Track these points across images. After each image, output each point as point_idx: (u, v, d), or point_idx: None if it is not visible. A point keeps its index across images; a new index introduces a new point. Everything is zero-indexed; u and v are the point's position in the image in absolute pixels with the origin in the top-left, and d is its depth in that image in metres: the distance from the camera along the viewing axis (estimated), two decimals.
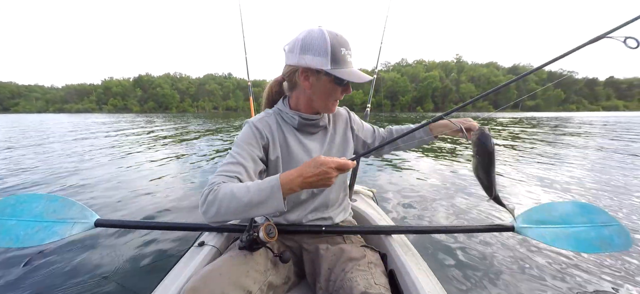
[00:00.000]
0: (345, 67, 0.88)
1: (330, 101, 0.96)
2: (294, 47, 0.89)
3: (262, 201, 0.75)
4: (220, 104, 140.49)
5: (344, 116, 1.16)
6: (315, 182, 0.76)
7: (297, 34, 0.91)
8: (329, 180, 0.76)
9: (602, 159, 5.47)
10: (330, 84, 0.90)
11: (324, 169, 0.75)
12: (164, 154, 6.26)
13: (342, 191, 1.14)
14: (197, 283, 0.74)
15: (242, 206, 0.75)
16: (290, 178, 0.77)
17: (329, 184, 0.77)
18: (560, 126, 15.91)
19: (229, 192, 0.77)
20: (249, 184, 0.78)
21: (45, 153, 6.37)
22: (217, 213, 0.77)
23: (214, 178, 0.83)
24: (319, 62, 0.86)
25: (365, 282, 0.80)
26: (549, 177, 4.04)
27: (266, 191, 0.75)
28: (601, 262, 1.81)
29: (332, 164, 0.76)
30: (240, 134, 0.97)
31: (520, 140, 8.92)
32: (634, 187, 3.56)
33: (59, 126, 16.75)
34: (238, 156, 0.89)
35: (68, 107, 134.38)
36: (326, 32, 0.86)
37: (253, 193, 0.75)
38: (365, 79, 0.90)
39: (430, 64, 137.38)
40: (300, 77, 0.92)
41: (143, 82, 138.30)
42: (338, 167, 0.76)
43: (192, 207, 2.95)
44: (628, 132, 11.83)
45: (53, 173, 4.41)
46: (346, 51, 0.88)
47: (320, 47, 0.85)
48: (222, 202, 0.76)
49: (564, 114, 49.50)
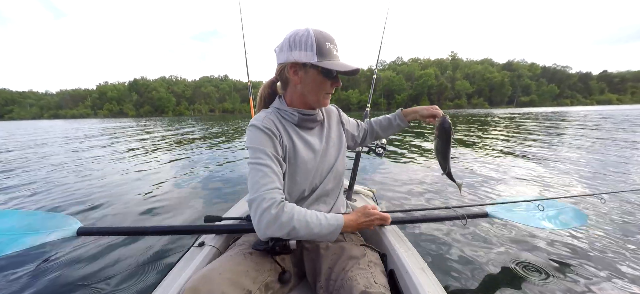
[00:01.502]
0: (331, 59, 0.92)
1: (322, 93, 0.99)
2: (282, 46, 0.95)
3: (327, 234, 0.89)
4: (216, 106, 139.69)
5: (334, 112, 1.22)
6: (365, 223, 0.98)
7: (285, 35, 0.96)
8: (374, 222, 1.00)
9: (572, 149, 5.53)
10: (318, 76, 0.94)
11: (371, 219, 0.98)
12: (154, 158, 6.21)
13: (339, 185, 1.16)
14: (197, 282, 0.75)
15: (310, 234, 0.86)
16: (350, 220, 0.94)
17: (373, 224, 1.00)
18: (549, 120, 16.03)
19: (303, 220, 0.85)
20: (320, 217, 0.89)
21: (30, 162, 6.31)
22: (288, 234, 0.85)
23: (262, 194, 0.84)
24: (306, 56, 0.90)
25: (365, 281, 0.81)
26: (519, 166, 4.11)
27: (332, 227, 0.89)
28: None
29: (377, 215, 1.00)
30: (253, 138, 0.95)
31: (497, 134, 8.99)
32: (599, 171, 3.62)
33: (51, 132, 16.59)
34: (265, 167, 0.89)
35: (63, 112, 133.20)
36: (311, 30, 0.91)
37: (323, 227, 0.88)
38: (350, 67, 0.92)
39: (426, 61, 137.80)
40: (289, 72, 0.96)
41: (138, 86, 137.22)
42: (381, 218, 1.01)
43: (185, 209, 2.93)
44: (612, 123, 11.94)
45: (39, 182, 4.31)
46: (331, 45, 0.92)
47: (306, 42, 0.90)
48: (296, 227, 0.84)
49: (559, 109, 49.69)
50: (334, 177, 1.10)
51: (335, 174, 1.09)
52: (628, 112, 28.62)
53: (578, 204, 2.66)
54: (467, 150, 6.28)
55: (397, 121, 1.27)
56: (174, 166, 5.37)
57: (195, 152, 6.98)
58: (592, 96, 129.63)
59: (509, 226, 2.22)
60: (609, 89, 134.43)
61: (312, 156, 1.02)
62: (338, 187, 1.14)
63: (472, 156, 5.48)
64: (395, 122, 1.27)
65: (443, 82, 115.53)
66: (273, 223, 0.82)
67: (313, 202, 1.05)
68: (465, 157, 5.36)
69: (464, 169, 4.42)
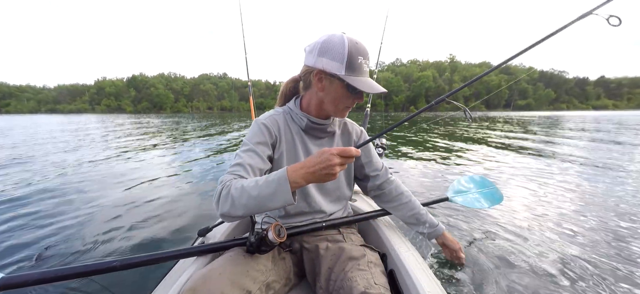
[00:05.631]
0: (359, 75, 0.88)
1: (341, 106, 0.95)
2: (313, 49, 0.91)
3: (271, 193, 0.75)
4: (214, 104, 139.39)
5: (355, 132, 1.15)
6: (318, 171, 0.74)
7: (319, 37, 0.92)
8: (332, 169, 0.73)
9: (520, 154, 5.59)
10: (342, 89, 0.90)
11: (325, 156, 0.73)
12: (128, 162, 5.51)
13: (347, 189, 1.15)
14: (197, 282, 0.74)
15: (253, 199, 0.76)
16: (295, 169, 0.76)
17: (332, 174, 0.73)
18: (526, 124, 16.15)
19: (239, 187, 0.78)
20: (258, 179, 0.79)
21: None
22: (231, 207, 0.78)
23: (224, 177, 0.85)
24: (334, 67, 0.86)
25: (365, 282, 0.80)
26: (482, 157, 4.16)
27: (274, 183, 0.76)
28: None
29: (334, 150, 0.74)
30: (249, 132, 0.98)
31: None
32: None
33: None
34: (246, 155, 0.91)
35: (60, 107, 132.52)
36: (346, 39, 0.86)
37: (262, 186, 0.76)
38: (378, 90, 0.89)
39: (424, 63, 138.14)
40: (314, 78, 0.93)
41: (137, 82, 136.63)
42: (340, 153, 0.73)
43: (172, 223, 2.45)
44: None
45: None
46: (363, 60, 0.88)
47: (338, 52, 0.85)
48: (234, 197, 0.77)
49: (554, 113, 50.18)
50: (337, 197, 1.11)
51: (337, 194, 1.11)
52: (618, 117, 28.91)
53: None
54: (466, 144, 6.31)
55: (424, 231, 1.15)
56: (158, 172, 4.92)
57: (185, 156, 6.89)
58: (589, 101, 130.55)
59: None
60: (606, 95, 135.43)
61: None
62: (344, 190, 1.13)
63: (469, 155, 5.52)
64: (423, 230, 1.14)
65: (440, 84, 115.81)
66: (218, 200, 0.81)
67: (316, 207, 1.06)
68: (466, 157, 5.40)
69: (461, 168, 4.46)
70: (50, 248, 2.10)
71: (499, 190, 1.77)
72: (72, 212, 2.77)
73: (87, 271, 0.83)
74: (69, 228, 2.45)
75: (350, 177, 1.14)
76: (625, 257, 1.93)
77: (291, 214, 1.04)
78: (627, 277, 1.72)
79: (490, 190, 1.72)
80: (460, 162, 5.20)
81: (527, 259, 1.88)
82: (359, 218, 1.15)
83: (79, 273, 0.82)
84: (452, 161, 5.35)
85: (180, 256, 0.93)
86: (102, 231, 2.36)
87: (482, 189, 1.70)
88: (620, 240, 2.17)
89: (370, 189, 1.17)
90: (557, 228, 2.36)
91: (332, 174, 0.74)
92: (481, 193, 1.67)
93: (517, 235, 2.19)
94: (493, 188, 1.74)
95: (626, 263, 1.86)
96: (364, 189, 1.20)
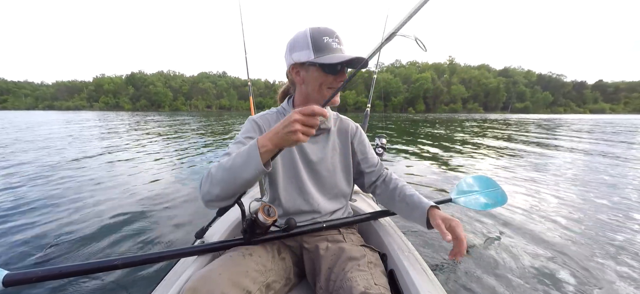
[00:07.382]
0: (329, 53, 0.90)
1: (324, 89, 0.94)
2: (286, 51, 0.98)
3: (243, 162, 0.76)
4: (213, 102, 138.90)
5: (351, 129, 1.15)
6: (281, 130, 0.72)
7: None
8: (292, 125, 0.70)
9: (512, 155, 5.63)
10: (317, 72, 0.92)
11: (287, 116, 0.72)
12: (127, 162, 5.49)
13: (346, 186, 1.14)
14: (197, 283, 0.74)
15: (227, 171, 0.78)
16: (263, 136, 0.77)
17: (293, 131, 0.70)
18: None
19: (217, 164, 0.83)
20: (232, 153, 0.84)
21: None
22: (210, 186, 0.81)
23: (211, 166, 0.88)
24: (304, 55, 0.91)
25: (365, 282, 0.80)
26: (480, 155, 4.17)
27: (244, 152, 0.78)
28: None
29: (296, 110, 0.71)
30: (242, 128, 1.03)
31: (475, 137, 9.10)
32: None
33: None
34: (235, 147, 0.95)
35: (58, 104, 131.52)
36: (308, 28, 0.92)
37: (235, 157, 0.79)
38: (348, 56, 0.89)
39: (423, 65, 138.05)
40: (293, 75, 0.99)
41: (135, 79, 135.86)
42: (301, 112, 0.70)
43: (169, 221, 2.51)
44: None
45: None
46: (330, 39, 0.91)
47: (303, 42, 0.91)
48: (212, 174, 0.81)
49: (552, 116, 50.43)
50: (335, 194, 1.11)
51: (335, 192, 1.10)
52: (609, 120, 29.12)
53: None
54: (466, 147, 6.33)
55: (417, 215, 0.99)
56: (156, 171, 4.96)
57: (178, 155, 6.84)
58: (586, 105, 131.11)
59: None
60: (603, 99, 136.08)
61: (305, 163, 1.05)
62: (343, 188, 1.13)
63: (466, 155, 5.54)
64: (415, 214, 1.00)
65: (439, 85, 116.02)
66: (200, 187, 0.85)
67: (314, 206, 1.06)
68: (464, 157, 5.42)
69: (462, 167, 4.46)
70: (53, 246, 2.14)
71: (503, 191, 1.76)
72: (75, 212, 2.81)
73: (90, 268, 0.85)
74: (72, 226, 2.48)
75: (348, 173, 1.14)
76: (625, 257, 1.94)
77: (291, 213, 1.05)
78: (627, 277, 1.73)
79: (495, 191, 1.72)
80: (461, 163, 5.30)
81: (528, 259, 1.90)
82: (359, 219, 1.15)
83: (81, 271, 0.84)
84: (453, 161, 5.45)
85: (181, 256, 0.96)
86: (104, 229, 2.41)
87: (486, 190, 1.70)
88: (621, 240, 2.18)
89: (367, 186, 1.18)
90: (558, 227, 2.37)
91: (293, 132, 0.70)
92: (485, 194, 1.67)
93: (518, 235, 2.20)
94: (497, 189, 1.74)
95: (626, 263, 1.87)
96: (361, 185, 1.20)
